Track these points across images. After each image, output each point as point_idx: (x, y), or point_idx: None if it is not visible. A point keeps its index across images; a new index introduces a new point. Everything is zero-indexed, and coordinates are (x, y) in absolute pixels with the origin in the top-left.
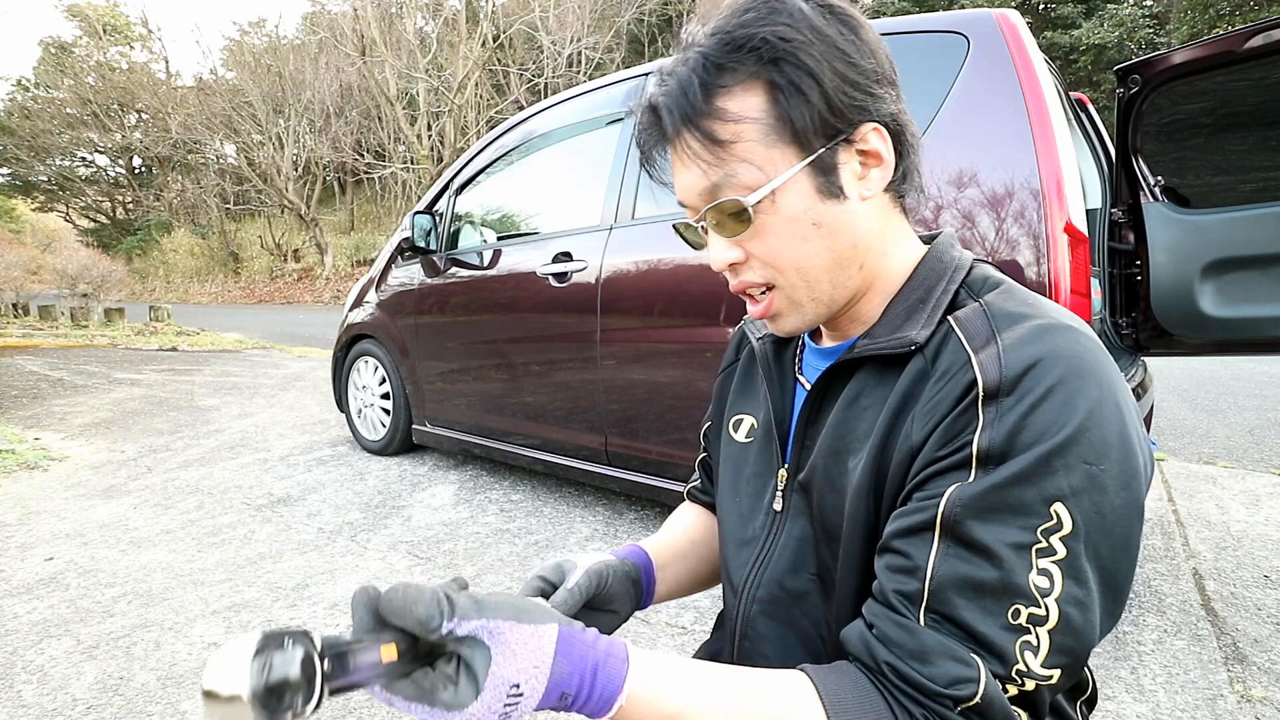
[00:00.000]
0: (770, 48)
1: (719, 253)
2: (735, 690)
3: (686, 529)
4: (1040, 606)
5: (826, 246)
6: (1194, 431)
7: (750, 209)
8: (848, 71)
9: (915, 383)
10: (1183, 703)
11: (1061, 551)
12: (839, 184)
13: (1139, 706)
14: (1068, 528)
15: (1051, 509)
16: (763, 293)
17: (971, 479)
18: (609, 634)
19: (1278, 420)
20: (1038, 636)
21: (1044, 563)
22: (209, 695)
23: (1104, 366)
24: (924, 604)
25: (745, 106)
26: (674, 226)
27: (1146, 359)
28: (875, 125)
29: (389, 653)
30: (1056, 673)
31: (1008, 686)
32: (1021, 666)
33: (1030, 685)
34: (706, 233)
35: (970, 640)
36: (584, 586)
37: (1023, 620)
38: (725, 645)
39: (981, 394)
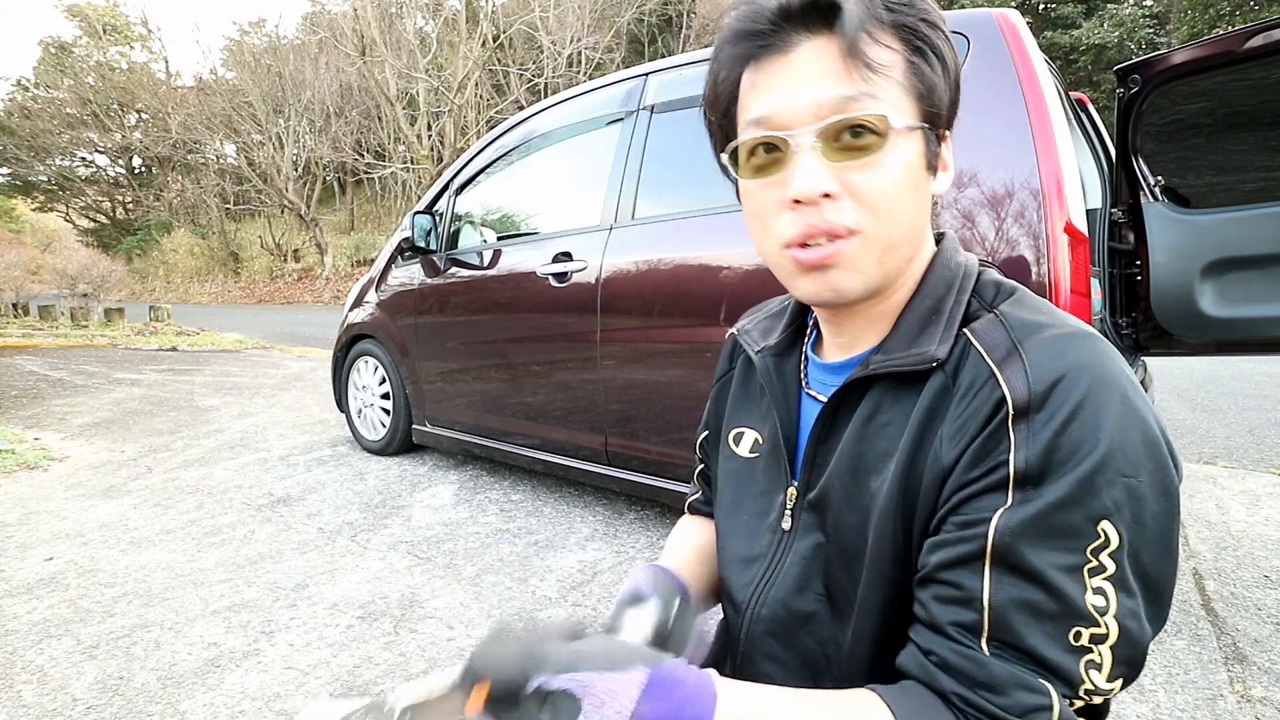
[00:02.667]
0: (927, 15)
1: (817, 179)
2: (817, 715)
3: (698, 543)
4: (1100, 625)
5: (916, 212)
6: (1194, 431)
7: (892, 130)
8: (958, 75)
9: (938, 399)
10: (1183, 703)
11: (1111, 567)
12: (935, 164)
13: (1139, 706)
14: (1114, 543)
15: (1099, 527)
16: (830, 240)
17: (1011, 503)
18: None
19: (1278, 420)
20: (1100, 654)
21: (1097, 581)
22: None
23: (1122, 372)
24: (985, 633)
25: (895, 46)
26: (732, 148)
27: (1146, 359)
28: (947, 134)
29: (475, 702)
30: (1119, 683)
31: (1075, 704)
32: (1089, 685)
33: (1098, 701)
34: (776, 164)
35: (1037, 665)
36: (685, 612)
37: (1085, 641)
38: (726, 661)
39: (1011, 411)
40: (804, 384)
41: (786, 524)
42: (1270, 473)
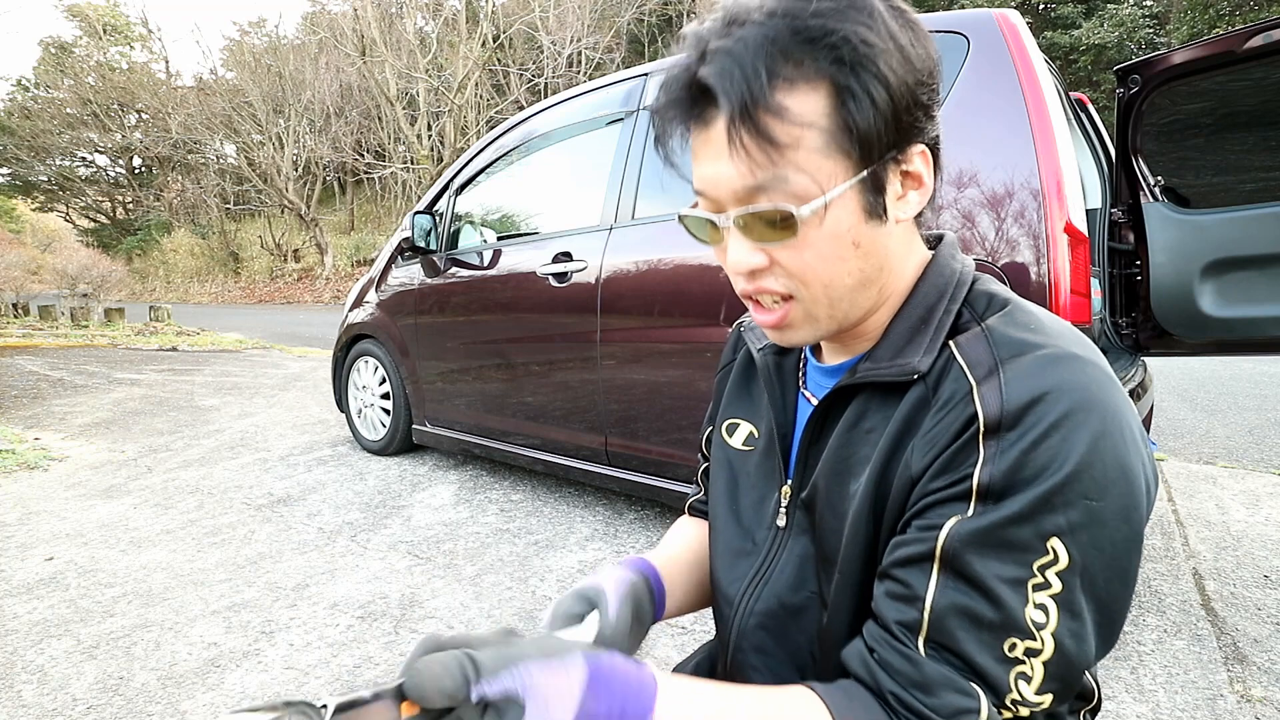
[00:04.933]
0: (851, 49)
1: (743, 257)
2: (753, 712)
3: (690, 543)
4: (1036, 639)
5: (859, 267)
6: (1194, 431)
7: (801, 220)
8: (916, 89)
9: (916, 410)
10: (1183, 703)
11: (1057, 586)
12: (884, 204)
13: (1139, 706)
14: (1064, 562)
15: (1048, 544)
16: (775, 302)
17: (970, 513)
18: (636, 649)
19: (1278, 420)
20: (1032, 667)
21: (1040, 597)
22: None
23: (1109, 395)
24: (923, 633)
25: (809, 108)
26: (679, 216)
27: (1146, 359)
28: (922, 148)
29: (410, 708)
30: (1049, 698)
31: (1002, 713)
32: (1016, 696)
33: (1024, 712)
34: (716, 230)
35: (968, 670)
36: (625, 615)
37: (1019, 653)
38: (720, 654)
39: (982, 428)
40: (802, 384)
41: (781, 521)
42: (1270, 473)
